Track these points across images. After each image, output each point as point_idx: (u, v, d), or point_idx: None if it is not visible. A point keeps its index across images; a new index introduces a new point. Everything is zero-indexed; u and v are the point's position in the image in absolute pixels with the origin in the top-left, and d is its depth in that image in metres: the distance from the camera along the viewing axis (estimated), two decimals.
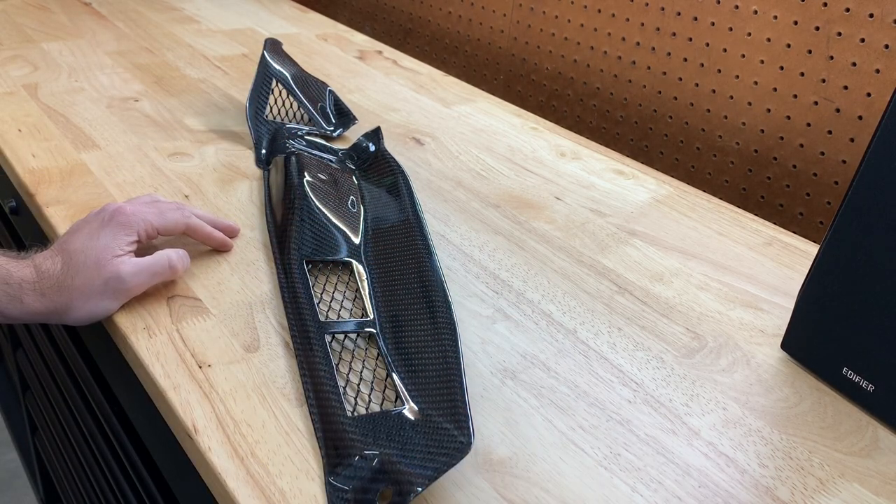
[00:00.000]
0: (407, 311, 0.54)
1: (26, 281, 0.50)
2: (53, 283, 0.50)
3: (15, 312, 0.50)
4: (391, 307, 0.55)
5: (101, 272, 0.51)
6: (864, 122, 0.74)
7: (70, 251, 0.52)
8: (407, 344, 0.51)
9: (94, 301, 0.51)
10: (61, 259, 0.51)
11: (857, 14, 0.71)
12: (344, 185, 0.68)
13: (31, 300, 0.50)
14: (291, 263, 0.57)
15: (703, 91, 0.87)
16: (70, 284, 0.50)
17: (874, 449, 0.48)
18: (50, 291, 0.50)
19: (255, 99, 0.80)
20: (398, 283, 0.57)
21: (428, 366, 0.49)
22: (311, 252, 0.58)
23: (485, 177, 0.78)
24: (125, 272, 0.51)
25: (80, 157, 0.74)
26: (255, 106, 0.79)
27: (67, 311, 0.51)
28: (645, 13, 0.91)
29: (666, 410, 0.49)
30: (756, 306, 0.60)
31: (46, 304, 0.50)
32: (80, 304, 0.51)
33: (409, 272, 0.58)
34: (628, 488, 0.43)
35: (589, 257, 0.65)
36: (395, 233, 0.63)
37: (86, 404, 0.77)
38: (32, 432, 1.21)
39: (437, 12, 1.22)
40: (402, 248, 0.61)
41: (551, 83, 1.06)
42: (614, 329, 0.56)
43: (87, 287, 0.51)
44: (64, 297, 0.50)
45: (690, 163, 0.91)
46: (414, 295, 0.55)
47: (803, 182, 0.80)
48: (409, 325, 0.53)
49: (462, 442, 0.42)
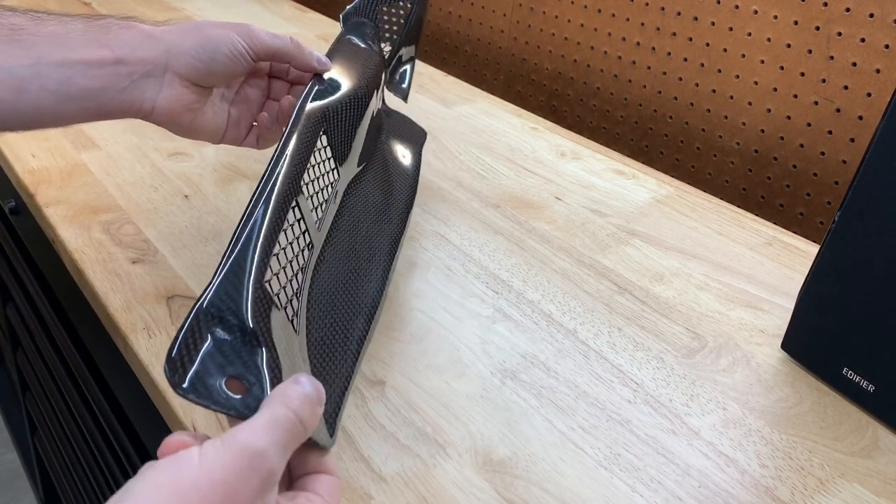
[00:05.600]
0: (336, 276, 0.48)
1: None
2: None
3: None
4: (332, 251, 0.48)
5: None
6: (864, 122, 0.74)
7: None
8: (321, 294, 0.45)
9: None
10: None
11: (857, 14, 0.71)
12: (377, 122, 0.63)
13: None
14: (310, 120, 0.48)
15: (703, 91, 0.87)
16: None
17: (874, 449, 0.48)
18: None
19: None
20: (347, 235, 0.51)
21: (327, 339, 0.43)
22: (331, 127, 0.51)
23: (485, 177, 0.78)
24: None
25: (79, 157, 0.74)
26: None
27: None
28: (645, 13, 0.91)
29: (666, 410, 0.49)
30: (756, 306, 0.60)
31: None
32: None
33: (362, 240, 0.52)
34: (628, 488, 0.43)
35: (589, 257, 0.65)
36: (376, 195, 0.57)
37: (85, 404, 0.77)
38: (32, 432, 1.21)
39: (437, 12, 1.22)
40: (372, 215, 0.54)
41: (551, 83, 1.06)
42: (614, 329, 0.56)
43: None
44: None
45: (691, 163, 0.91)
46: (350, 260, 0.49)
47: (803, 182, 0.80)
48: (331, 285, 0.47)
49: (324, 434, 0.36)
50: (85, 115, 0.47)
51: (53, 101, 0.45)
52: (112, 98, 0.47)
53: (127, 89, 0.47)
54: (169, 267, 0.58)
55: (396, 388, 0.49)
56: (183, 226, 0.64)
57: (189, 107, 0.50)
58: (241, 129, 0.55)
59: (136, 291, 0.55)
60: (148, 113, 0.49)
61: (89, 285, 0.56)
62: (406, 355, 0.52)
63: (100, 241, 0.61)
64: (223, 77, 0.51)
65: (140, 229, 0.63)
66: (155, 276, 0.57)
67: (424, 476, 0.43)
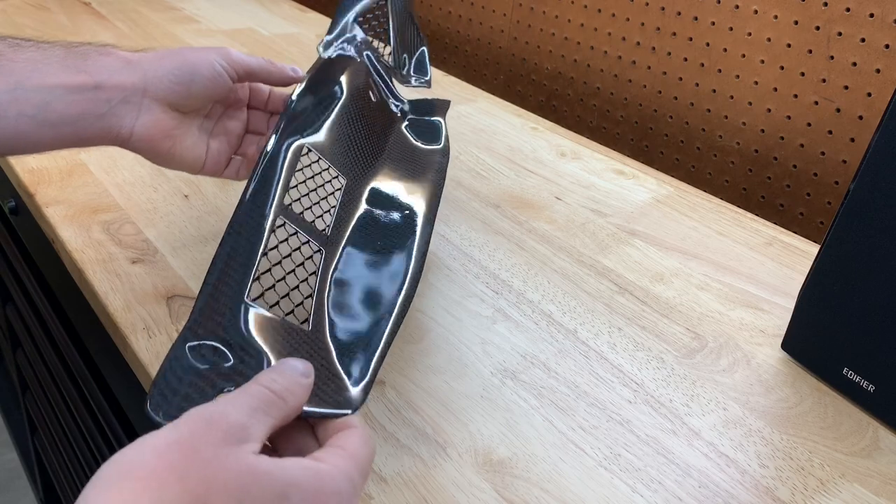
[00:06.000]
0: (366, 261, 0.49)
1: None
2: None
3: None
4: (356, 247, 0.50)
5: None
6: (864, 121, 0.74)
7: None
8: (348, 287, 0.46)
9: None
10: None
11: (857, 14, 0.71)
12: (386, 119, 0.63)
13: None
14: (287, 134, 0.49)
15: (703, 91, 0.87)
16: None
17: (874, 449, 0.48)
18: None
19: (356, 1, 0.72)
20: (376, 233, 0.52)
21: (356, 321, 0.44)
22: (313, 136, 0.51)
23: (485, 177, 0.78)
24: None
25: (79, 157, 0.74)
26: (353, 4, 0.72)
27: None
28: (645, 13, 0.91)
29: (666, 411, 0.49)
30: (756, 306, 0.60)
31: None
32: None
33: (392, 232, 0.53)
34: (628, 489, 0.43)
35: (589, 257, 0.65)
36: (402, 192, 0.57)
37: (85, 404, 0.77)
38: (32, 432, 1.21)
39: (437, 12, 1.22)
40: (401, 209, 0.55)
41: (551, 83, 1.06)
42: (614, 329, 0.56)
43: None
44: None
45: (691, 163, 0.91)
46: (383, 254, 0.50)
47: (804, 182, 0.80)
48: (360, 275, 0.48)
49: (347, 397, 0.37)
50: (63, 142, 0.47)
51: (32, 126, 0.44)
52: (90, 124, 0.47)
53: (105, 115, 0.47)
54: (169, 267, 0.58)
55: (396, 388, 0.49)
56: (182, 226, 0.64)
57: (168, 133, 0.49)
58: (222, 160, 0.54)
59: (135, 291, 0.55)
60: (126, 139, 0.48)
61: (89, 285, 0.56)
62: (406, 355, 0.52)
63: (100, 241, 0.61)
64: (203, 99, 0.51)
65: (140, 229, 0.63)
66: (155, 276, 0.57)
67: (424, 476, 0.43)
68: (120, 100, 0.47)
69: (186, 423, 0.30)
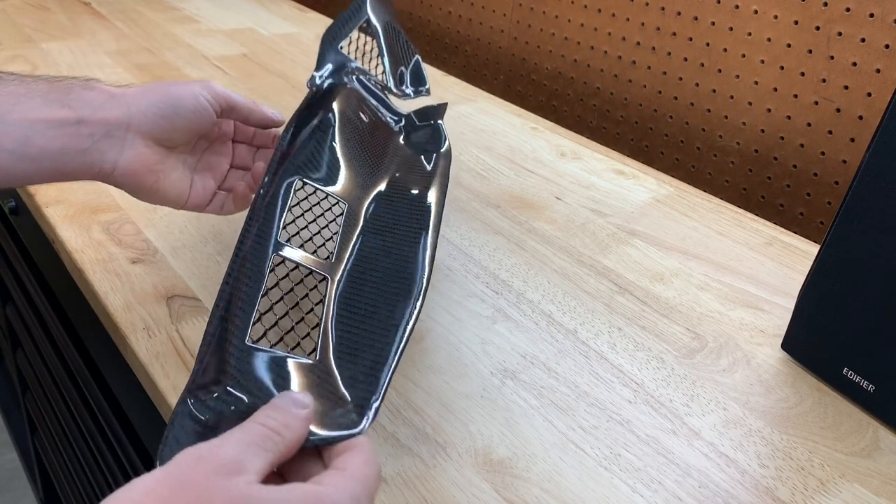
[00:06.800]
0: (373, 278, 0.50)
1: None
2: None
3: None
4: (361, 266, 0.50)
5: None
6: (864, 121, 0.74)
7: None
8: (355, 308, 0.47)
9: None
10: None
11: (857, 14, 0.71)
12: (381, 137, 0.64)
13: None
14: (280, 174, 0.50)
15: (703, 91, 0.87)
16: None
17: (875, 449, 0.48)
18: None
19: (338, 28, 0.74)
20: (380, 250, 0.52)
21: (363, 341, 0.45)
22: (306, 168, 0.52)
23: (485, 177, 0.78)
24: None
25: None
26: (333, 34, 0.73)
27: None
28: (645, 13, 0.91)
29: (666, 411, 0.49)
30: (756, 306, 0.60)
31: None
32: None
33: (397, 247, 0.53)
34: (628, 489, 0.43)
35: (589, 257, 0.65)
36: (404, 205, 0.57)
37: (85, 404, 0.77)
38: (32, 433, 1.21)
39: (437, 12, 1.22)
40: (404, 223, 0.55)
41: (551, 83, 1.06)
42: (614, 329, 0.56)
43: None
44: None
45: (691, 163, 0.91)
46: (390, 269, 0.51)
47: (804, 182, 0.80)
48: (366, 295, 0.48)
49: (353, 419, 0.37)
50: (43, 176, 0.46)
51: (12, 160, 0.44)
52: (72, 159, 0.46)
53: (87, 150, 0.46)
54: (169, 267, 0.58)
55: (396, 388, 0.49)
56: (182, 226, 0.64)
57: (151, 167, 0.49)
58: (206, 194, 0.53)
59: (135, 291, 0.55)
60: (109, 174, 0.48)
61: (89, 285, 0.56)
62: (406, 355, 0.52)
63: (100, 241, 0.61)
64: (187, 133, 0.50)
65: (140, 229, 0.63)
66: (155, 276, 0.57)
67: (424, 476, 0.43)
68: (103, 134, 0.47)
69: (177, 460, 0.30)
